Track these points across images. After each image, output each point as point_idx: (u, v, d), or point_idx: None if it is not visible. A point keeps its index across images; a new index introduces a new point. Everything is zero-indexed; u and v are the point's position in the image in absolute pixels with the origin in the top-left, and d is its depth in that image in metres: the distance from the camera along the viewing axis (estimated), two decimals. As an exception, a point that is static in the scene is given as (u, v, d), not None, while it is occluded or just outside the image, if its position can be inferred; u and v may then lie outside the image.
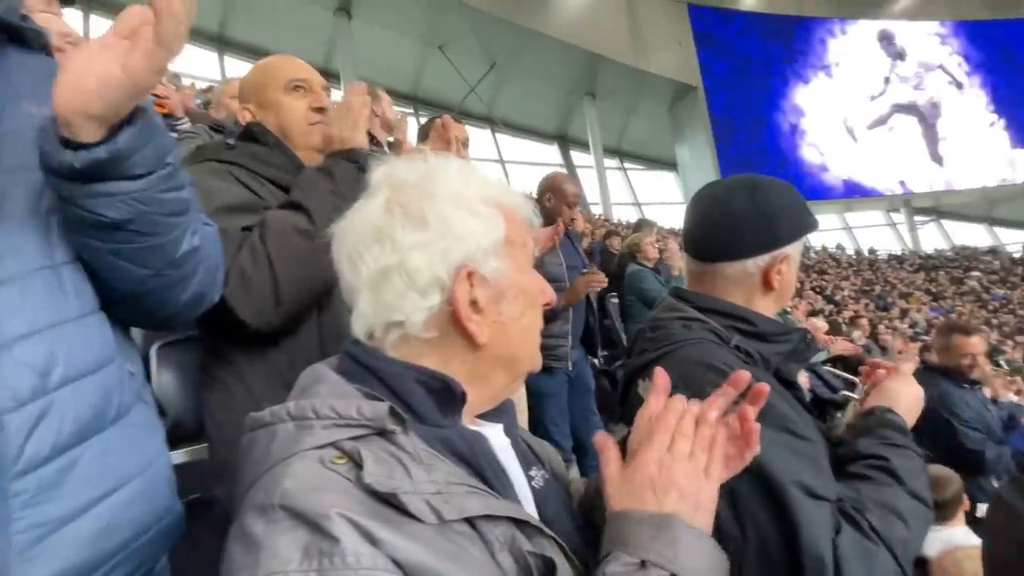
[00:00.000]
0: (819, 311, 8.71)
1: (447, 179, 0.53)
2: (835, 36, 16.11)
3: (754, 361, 0.81)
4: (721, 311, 0.85)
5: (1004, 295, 12.95)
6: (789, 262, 0.85)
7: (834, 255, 14.57)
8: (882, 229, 18.06)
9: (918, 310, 10.76)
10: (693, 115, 14.99)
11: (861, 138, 15.76)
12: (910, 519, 0.69)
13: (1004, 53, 16.33)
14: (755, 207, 0.84)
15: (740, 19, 15.70)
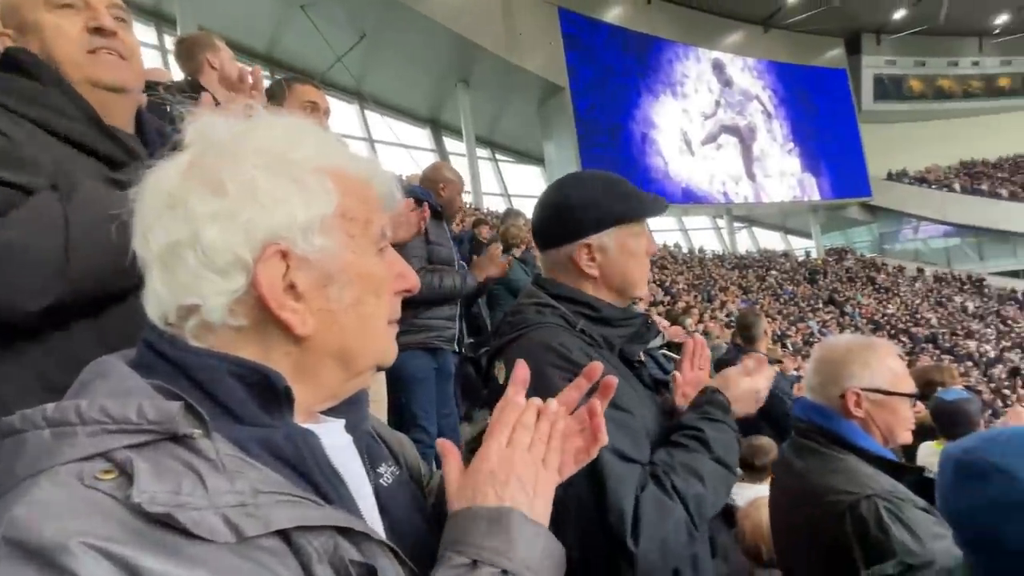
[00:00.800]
0: (659, 302, 9.89)
1: (265, 139, 0.45)
2: (680, 59, 18.19)
3: (597, 344, 0.90)
4: (568, 297, 0.93)
5: (791, 291, 15.99)
6: (604, 251, 0.92)
7: (672, 253, 16.58)
8: (709, 232, 21.06)
9: (732, 301, 12.76)
10: (560, 114, 15.81)
11: (696, 152, 18.10)
12: (709, 480, 0.82)
13: (801, 93, 20.00)
14: (563, 199, 0.94)
15: (604, 30, 16.92)
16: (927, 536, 0.98)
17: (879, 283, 17.71)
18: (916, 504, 1.04)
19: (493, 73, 14.65)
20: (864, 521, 1.03)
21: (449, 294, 2.18)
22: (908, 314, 15.46)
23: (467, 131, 14.92)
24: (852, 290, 16.82)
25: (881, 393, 1.14)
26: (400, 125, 16.14)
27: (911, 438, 1.21)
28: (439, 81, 15.10)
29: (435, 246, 2.20)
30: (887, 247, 21.53)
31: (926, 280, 18.46)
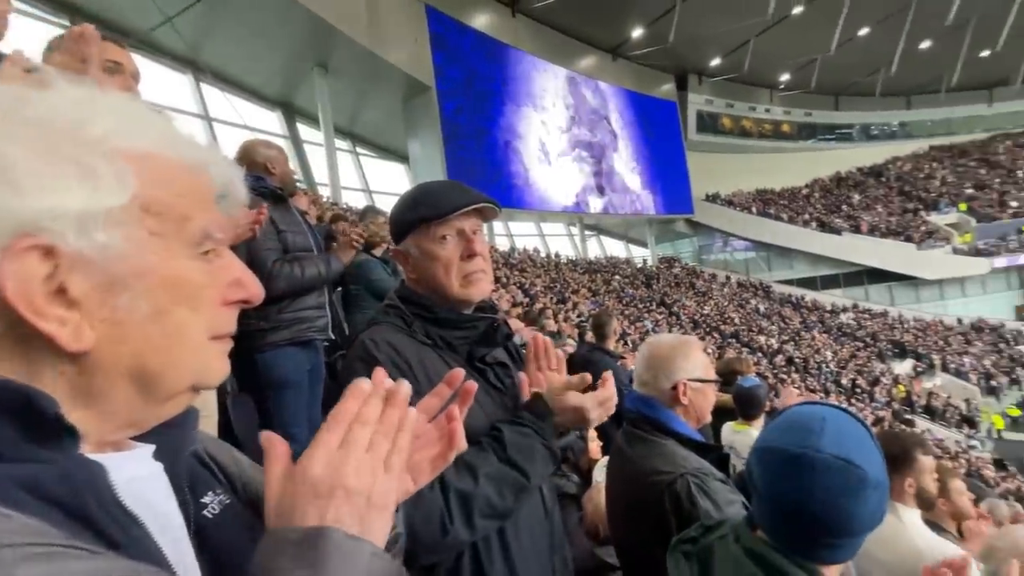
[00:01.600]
0: (520, 303, 10.33)
1: (46, 110, 0.37)
2: (540, 73, 19.26)
3: (436, 344, 0.93)
4: (409, 298, 0.97)
5: (631, 293, 17.95)
6: (409, 256, 0.99)
7: (531, 256, 17.47)
8: (563, 238, 22.65)
9: (583, 303, 13.88)
10: (426, 113, 15.64)
11: (553, 163, 19.33)
12: (486, 479, 0.82)
13: (642, 118, 22.59)
14: (394, 207, 1.02)
15: (471, 35, 17.18)
16: (724, 503, 1.16)
17: (698, 288, 20.77)
18: (716, 477, 1.23)
19: (355, 61, 13.92)
20: (678, 496, 1.18)
21: (314, 282, 2.01)
22: (718, 314, 18.38)
23: (325, 119, 13.96)
24: (678, 293, 19.45)
25: (700, 381, 1.33)
26: (245, 104, 14.48)
27: (710, 417, 1.43)
28: (293, 61, 13.87)
29: (288, 234, 2.01)
30: (704, 257, 25.37)
31: (732, 286, 22.14)
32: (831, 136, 27.96)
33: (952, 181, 25.31)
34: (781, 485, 0.81)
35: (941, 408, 15.75)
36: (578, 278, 17.32)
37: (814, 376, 15.53)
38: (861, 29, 21.02)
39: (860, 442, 0.79)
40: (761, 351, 16.36)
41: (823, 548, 0.80)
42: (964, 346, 19.48)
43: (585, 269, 18.97)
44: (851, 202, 24.94)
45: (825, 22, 19.87)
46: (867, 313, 21.26)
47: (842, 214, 23.99)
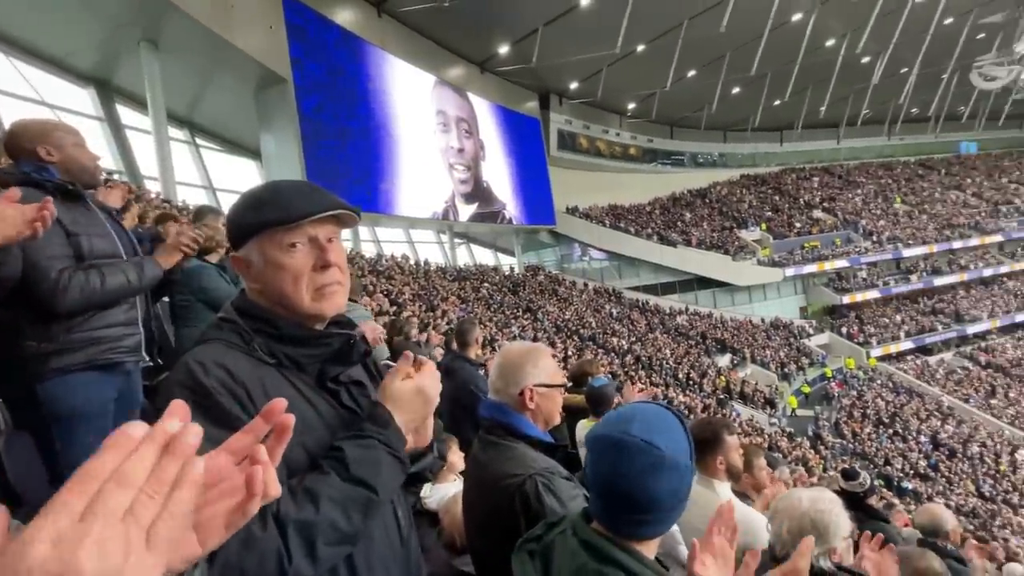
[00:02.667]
0: (386, 312, 10.01)
1: None
2: (409, 78, 18.99)
3: (281, 363, 0.83)
4: (250, 312, 0.85)
5: (500, 300, 18.49)
6: (250, 264, 0.87)
7: (400, 264, 17.06)
8: (433, 245, 22.54)
9: (452, 310, 13.94)
10: (282, 108, 14.42)
11: (423, 168, 19.15)
12: (329, 503, 0.74)
13: (511, 132, 23.48)
14: (232, 209, 0.90)
15: (335, 30, 16.29)
16: (568, 499, 1.22)
17: (560, 294, 22.16)
18: (562, 475, 1.29)
19: (194, 41, 12.31)
20: (527, 496, 1.22)
21: (119, 293, 1.65)
22: (578, 318, 19.81)
23: (154, 103, 12.10)
24: (543, 300, 20.54)
25: (546, 386, 1.39)
26: (45, 77, 11.97)
27: (559, 419, 1.49)
28: (114, 32, 11.79)
29: (82, 238, 1.62)
30: (565, 266, 27.17)
31: (589, 293, 24.03)
32: (668, 161, 31.99)
33: (756, 204, 30.63)
34: (601, 467, 0.90)
35: (751, 393, 18.86)
36: (447, 285, 17.35)
37: (657, 372, 17.53)
38: (690, 71, 24.46)
39: (667, 429, 0.90)
40: (614, 352, 18.00)
41: (636, 525, 0.89)
42: (766, 341, 23.60)
43: (455, 277, 19.07)
44: (683, 219, 28.78)
45: (662, 61, 22.74)
46: (697, 315, 24.63)
47: (677, 229, 27.54)
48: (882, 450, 17.84)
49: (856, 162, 35.62)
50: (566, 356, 14.30)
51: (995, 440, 18.95)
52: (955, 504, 14.84)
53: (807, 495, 1.60)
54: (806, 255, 26.89)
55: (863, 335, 25.16)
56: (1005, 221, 29.46)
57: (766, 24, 21.29)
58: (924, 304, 27.31)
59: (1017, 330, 26.41)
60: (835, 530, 1.53)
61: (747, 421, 16.18)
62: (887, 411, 20.37)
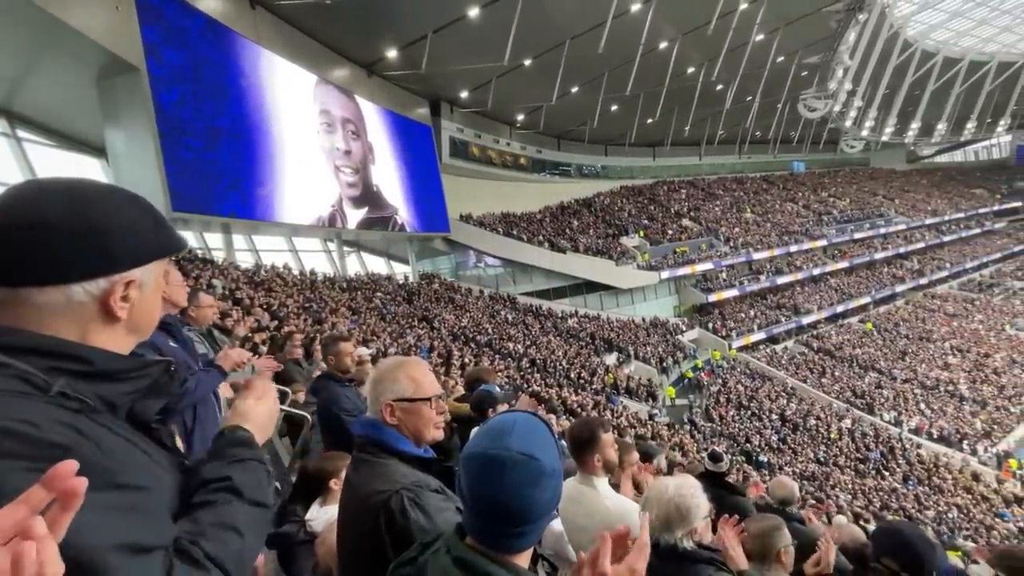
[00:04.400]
0: (265, 327, 9.20)
1: None
2: (285, 72, 17.75)
3: (90, 407, 0.69)
4: (40, 349, 0.67)
5: (394, 310, 17.96)
6: (141, 288, 0.75)
7: (282, 274, 15.82)
8: (320, 255, 21.26)
9: (342, 323, 13.23)
10: (133, 99, 12.66)
11: (308, 171, 17.98)
12: (246, 529, 0.75)
13: (401, 138, 22.97)
14: (84, 220, 0.69)
15: (200, 18, 14.71)
16: (435, 512, 1.19)
17: (456, 302, 22.12)
18: (431, 487, 1.26)
19: (12, 16, 10.40)
20: (392, 512, 1.18)
21: None
22: (475, 325, 19.92)
23: (-44, 86, 9.97)
24: (439, 308, 20.34)
25: (407, 400, 1.35)
26: None
27: (441, 434, 1.42)
28: None
29: None
30: (461, 273, 27.21)
31: (485, 299, 24.30)
32: (556, 171, 33.58)
33: (635, 213, 33.33)
34: (479, 485, 0.88)
35: (636, 388, 20.39)
36: (337, 296, 16.45)
37: (551, 374, 18.22)
38: (573, 87, 25.95)
39: (541, 439, 0.91)
40: (511, 356, 18.37)
41: (514, 538, 0.90)
42: (647, 339, 25.71)
43: (344, 287, 18.15)
44: (572, 226, 30.36)
45: (549, 76, 23.85)
46: (586, 317, 26.08)
47: (566, 236, 28.96)
48: (743, 429, 20.30)
49: (715, 176, 40.48)
50: (463, 363, 14.28)
51: (826, 413, 22.51)
52: (799, 471, 17.34)
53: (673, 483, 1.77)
54: (678, 259, 29.83)
55: (725, 329, 28.49)
56: (826, 228, 35.45)
57: (638, 49, 23.32)
58: (771, 300, 31.72)
59: (839, 319, 31.81)
60: (696, 512, 1.72)
61: (632, 414, 17.44)
62: (746, 395, 23.25)
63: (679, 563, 1.67)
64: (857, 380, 25.68)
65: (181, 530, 0.70)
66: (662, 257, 29.64)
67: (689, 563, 1.68)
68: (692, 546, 1.70)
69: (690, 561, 1.68)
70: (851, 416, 22.51)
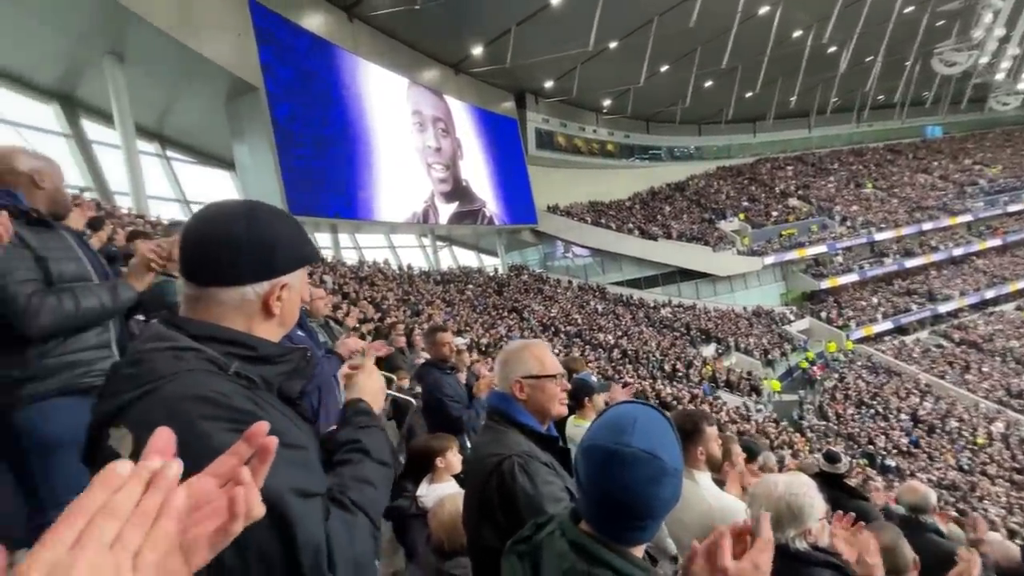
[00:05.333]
0: (370, 319, 9.94)
1: None
2: (383, 82, 18.86)
3: (255, 385, 0.83)
4: (220, 338, 0.84)
5: (485, 302, 18.49)
6: (290, 289, 0.90)
7: (382, 269, 16.94)
8: (415, 250, 22.43)
9: (437, 314, 13.89)
10: (254, 116, 14.21)
11: (401, 170, 19.04)
12: (377, 483, 0.90)
13: (488, 132, 23.48)
14: (255, 234, 0.86)
15: (306, 36, 16.10)
16: (542, 482, 1.27)
17: (545, 293, 22.23)
18: (540, 460, 1.35)
19: (159, 51, 12.08)
20: (503, 474, 1.29)
21: (93, 317, 1.61)
22: (564, 316, 19.90)
23: (121, 117, 11.84)
24: (528, 299, 20.59)
25: (533, 378, 1.46)
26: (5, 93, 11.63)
27: (565, 410, 1.55)
28: (76, 45, 11.53)
29: (51, 262, 1.59)
30: (549, 264, 27.27)
31: (574, 290, 24.16)
32: (646, 156, 32.31)
33: (733, 195, 31.12)
34: (598, 478, 0.89)
35: (736, 381, 19.17)
36: (432, 289, 17.29)
37: (644, 365, 17.70)
38: (662, 66, 24.75)
39: (663, 436, 0.91)
40: (601, 347, 18.12)
41: (633, 531, 0.91)
42: (748, 329, 24.01)
43: (439, 280, 19.01)
44: (663, 212, 29.10)
45: (635, 58, 22.96)
46: (680, 307, 24.94)
47: (657, 223, 27.84)
48: (865, 430, 18.28)
49: (827, 149, 36.42)
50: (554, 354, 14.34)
51: (971, 414, 19.54)
52: (936, 478, 15.27)
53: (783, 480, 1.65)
54: (784, 243, 27.40)
55: (842, 318, 25.74)
56: (971, 202, 30.38)
57: (734, 18, 21.64)
58: (899, 285, 28.05)
59: (987, 307, 27.28)
60: (810, 512, 1.59)
61: (734, 409, 16.44)
62: (868, 391, 20.88)
63: (791, 564, 1.56)
64: (1013, 377, 21.94)
65: (329, 483, 0.85)
66: (765, 241, 27.41)
67: (802, 565, 1.56)
68: (806, 548, 1.58)
69: (803, 563, 1.56)
70: (1005, 419, 19.32)
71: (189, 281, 0.86)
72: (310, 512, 0.75)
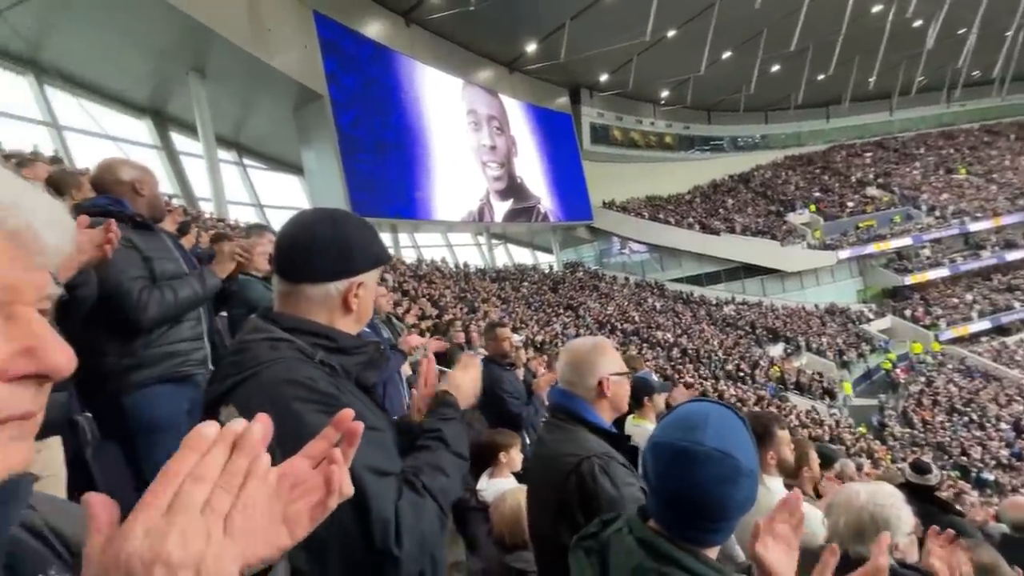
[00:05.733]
0: (428, 315, 10.20)
1: None
2: (438, 84, 19.26)
3: (337, 373, 0.92)
4: (307, 330, 0.93)
5: (540, 299, 18.47)
6: (365, 287, 0.98)
7: (440, 267, 17.34)
8: (471, 248, 22.77)
9: (493, 312, 14.04)
10: (320, 123, 14.95)
11: (456, 169, 19.38)
12: (450, 471, 0.94)
13: (541, 129, 23.43)
14: (342, 236, 0.96)
15: (367, 44, 16.74)
16: (622, 484, 1.27)
17: (601, 290, 21.91)
18: (619, 460, 1.34)
19: (236, 66, 12.96)
20: (583, 476, 1.28)
21: (190, 303, 1.82)
22: (620, 314, 19.53)
23: (204, 128, 12.81)
24: (583, 296, 20.38)
25: (619, 375, 1.45)
26: (105, 111, 12.88)
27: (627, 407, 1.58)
28: (164, 65, 12.59)
29: (155, 262, 1.81)
30: (605, 261, 26.84)
31: (630, 287, 23.64)
32: (707, 147, 31.04)
33: (803, 186, 29.26)
34: (669, 476, 0.87)
35: (808, 383, 18.04)
36: (488, 287, 17.49)
37: (705, 365, 17.04)
38: (724, 53, 23.64)
39: (737, 435, 0.88)
40: (660, 346, 17.63)
41: (705, 532, 0.88)
42: (821, 328, 22.51)
43: (494, 278, 19.20)
44: (726, 206, 27.84)
45: (695, 45, 22.08)
46: (745, 304, 23.78)
47: (719, 217, 26.68)
48: (957, 439, 16.66)
49: (912, 133, 33.39)
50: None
51: (1089, 425, 17.32)
52: (1045, 496, 13.67)
53: (865, 489, 1.53)
54: (861, 235, 25.43)
55: (930, 317, 23.58)
56: (1088, 186, 26.87)
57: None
58: (998, 281, 25.30)
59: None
60: (896, 524, 1.46)
61: (805, 412, 15.50)
62: (961, 397, 19.01)
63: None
64: None
65: (405, 465, 0.91)
66: (840, 234, 25.58)
67: (887, 583, 1.44)
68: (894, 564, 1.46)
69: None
70: None
71: (281, 278, 0.96)
72: (383, 490, 0.82)
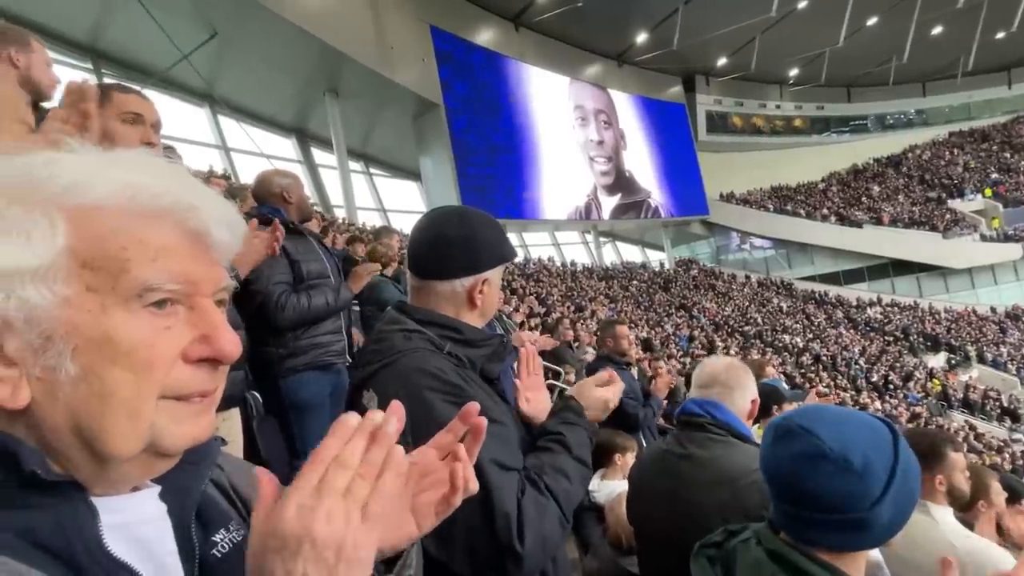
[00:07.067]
0: (536, 313, 10.33)
1: (10, 169, 0.37)
2: (547, 84, 19.40)
3: (463, 364, 0.96)
4: (436, 322, 0.98)
5: (650, 298, 17.78)
6: (490, 284, 1.02)
7: (547, 266, 17.47)
8: (578, 246, 22.62)
9: (601, 310, 13.81)
10: (436, 131, 15.88)
11: (563, 166, 19.37)
12: (573, 476, 0.93)
13: (651, 122, 22.54)
14: (470, 234, 1.00)
15: (478, 51, 17.44)
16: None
17: (718, 289, 20.49)
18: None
19: (364, 84, 14.27)
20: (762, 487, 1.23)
21: (321, 313, 2.07)
22: (740, 315, 18.09)
23: (338, 143, 14.29)
24: (698, 296, 19.22)
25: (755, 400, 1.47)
26: (261, 133, 14.92)
27: None
28: (305, 88, 14.29)
29: (302, 263, 2.08)
30: (722, 258, 25.04)
31: (752, 286, 21.80)
32: (845, 128, 27.53)
33: (975, 167, 24.65)
34: (766, 455, 0.89)
35: (980, 401, 15.19)
36: (595, 285, 17.25)
37: (843, 373, 15.15)
38: (869, 19, 20.75)
39: (837, 422, 0.83)
40: (786, 350, 16.03)
41: (810, 526, 0.82)
42: (999, 335, 18.81)
43: (601, 276, 18.89)
44: (871, 194, 24.44)
45: (832, 14, 19.67)
46: (895, 306, 20.70)
47: (862, 206, 23.51)
48: None
49: None
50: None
51: None
52: None
53: None
54: (1058, 224, 20.83)
55: None
56: None
57: (978, -60, 17.10)
58: None
59: None
60: None
61: (976, 435, 13.06)
62: None
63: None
64: None
65: (527, 463, 0.91)
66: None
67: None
68: None
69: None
70: None
71: (414, 274, 1.02)
72: (506, 483, 0.83)
